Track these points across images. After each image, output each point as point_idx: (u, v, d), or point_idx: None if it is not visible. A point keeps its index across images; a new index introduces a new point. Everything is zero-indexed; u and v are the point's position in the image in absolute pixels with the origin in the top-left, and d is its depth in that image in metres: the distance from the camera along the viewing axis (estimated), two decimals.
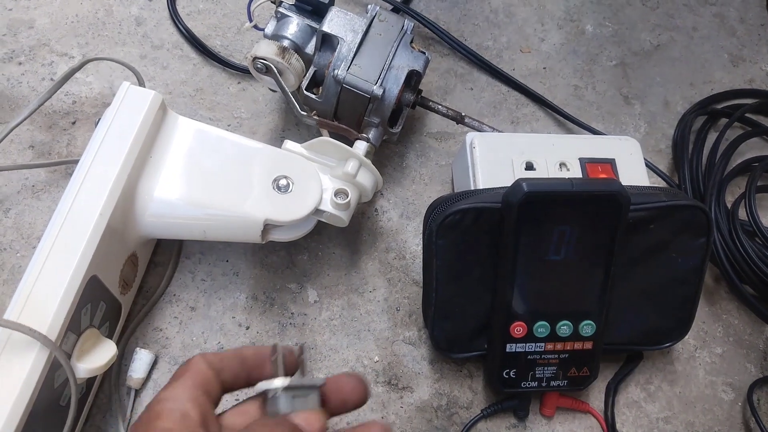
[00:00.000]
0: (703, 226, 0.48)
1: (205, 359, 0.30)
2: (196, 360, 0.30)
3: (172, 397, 0.29)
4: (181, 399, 0.28)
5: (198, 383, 0.29)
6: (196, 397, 0.29)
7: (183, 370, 0.30)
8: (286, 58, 0.51)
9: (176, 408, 0.28)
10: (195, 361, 0.30)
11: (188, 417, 0.28)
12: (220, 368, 0.31)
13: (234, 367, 0.31)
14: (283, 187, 0.48)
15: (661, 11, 0.75)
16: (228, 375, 0.31)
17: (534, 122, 0.66)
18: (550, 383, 0.49)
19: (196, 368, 0.30)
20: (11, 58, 0.62)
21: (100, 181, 0.44)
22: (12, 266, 0.53)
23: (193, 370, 0.30)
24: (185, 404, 0.28)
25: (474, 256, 0.47)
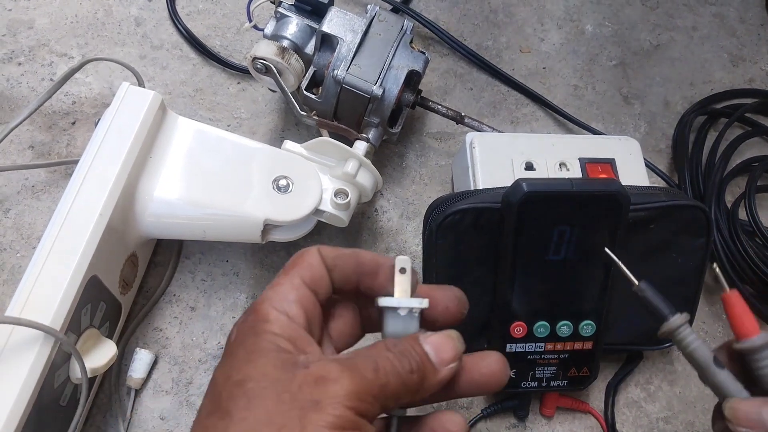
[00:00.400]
0: (703, 226, 0.48)
1: (320, 252, 0.28)
2: (311, 253, 0.28)
3: (277, 296, 0.27)
4: (289, 299, 0.27)
5: (308, 280, 0.28)
6: (303, 296, 0.27)
7: (294, 262, 0.28)
8: (285, 59, 0.51)
9: (282, 308, 0.26)
10: (309, 254, 0.28)
11: (294, 320, 0.26)
12: (334, 266, 0.28)
13: (348, 268, 0.29)
14: (283, 187, 0.48)
15: (661, 11, 0.75)
16: (339, 275, 0.29)
17: (534, 122, 0.66)
18: (550, 383, 0.49)
19: (308, 262, 0.28)
20: (11, 58, 0.62)
21: (100, 181, 0.44)
22: (12, 266, 0.53)
23: (305, 264, 0.28)
24: (292, 306, 0.27)
25: (474, 256, 0.47)
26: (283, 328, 0.26)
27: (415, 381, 0.26)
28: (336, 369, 0.24)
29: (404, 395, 0.26)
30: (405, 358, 0.26)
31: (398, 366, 0.25)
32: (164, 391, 0.51)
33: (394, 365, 0.25)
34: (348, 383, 0.24)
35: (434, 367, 0.27)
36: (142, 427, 0.49)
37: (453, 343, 0.27)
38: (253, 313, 0.27)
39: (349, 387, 0.24)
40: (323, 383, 0.24)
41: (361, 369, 0.25)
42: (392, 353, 0.26)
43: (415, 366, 0.26)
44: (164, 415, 0.50)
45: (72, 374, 0.42)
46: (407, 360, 0.26)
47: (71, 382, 0.43)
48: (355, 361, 0.25)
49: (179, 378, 0.51)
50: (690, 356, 0.32)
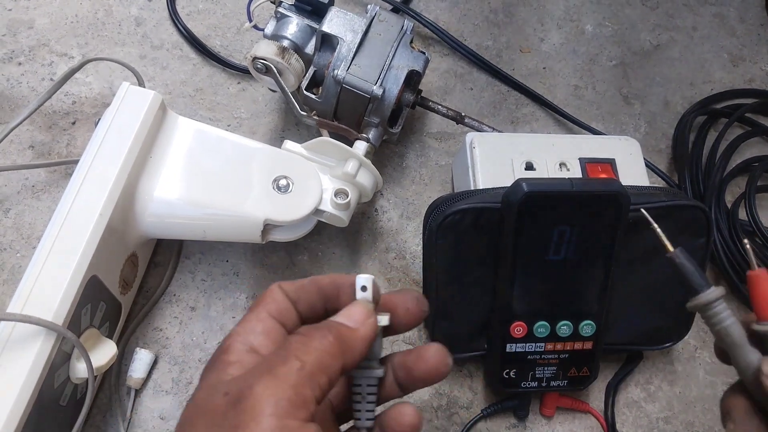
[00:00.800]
0: (703, 226, 0.48)
1: (281, 289, 0.29)
2: (273, 289, 0.29)
3: (244, 330, 0.27)
4: (254, 332, 0.27)
5: (273, 313, 0.28)
6: (269, 328, 0.28)
7: (258, 300, 0.29)
8: (285, 58, 0.51)
9: (246, 341, 0.27)
10: (271, 291, 0.29)
11: (257, 351, 0.27)
12: (297, 298, 0.29)
13: (310, 296, 0.30)
14: (283, 187, 0.48)
15: (661, 11, 0.75)
16: (304, 306, 0.29)
17: (534, 122, 0.66)
18: (550, 383, 0.49)
19: (271, 298, 0.29)
20: (11, 58, 0.62)
21: (100, 181, 0.44)
22: (12, 266, 0.53)
23: (268, 300, 0.29)
24: (257, 337, 0.27)
25: (474, 256, 0.47)
26: (240, 356, 0.26)
27: (334, 344, 0.26)
28: (248, 382, 0.24)
29: (330, 364, 0.25)
30: (315, 330, 0.26)
31: (310, 341, 0.26)
32: (164, 391, 0.51)
33: (306, 344, 0.25)
34: (262, 390, 0.23)
35: (349, 327, 0.27)
36: (142, 427, 0.49)
37: (360, 306, 0.28)
38: (218, 348, 0.27)
39: (264, 393, 0.23)
40: (240, 402, 0.23)
41: (272, 368, 0.24)
42: (300, 335, 0.26)
43: (327, 332, 0.26)
44: (164, 415, 0.50)
45: (72, 374, 0.42)
46: (318, 332, 0.26)
47: (71, 382, 0.43)
48: (266, 363, 0.25)
49: (179, 378, 0.51)
50: (722, 333, 0.30)
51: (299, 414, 0.23)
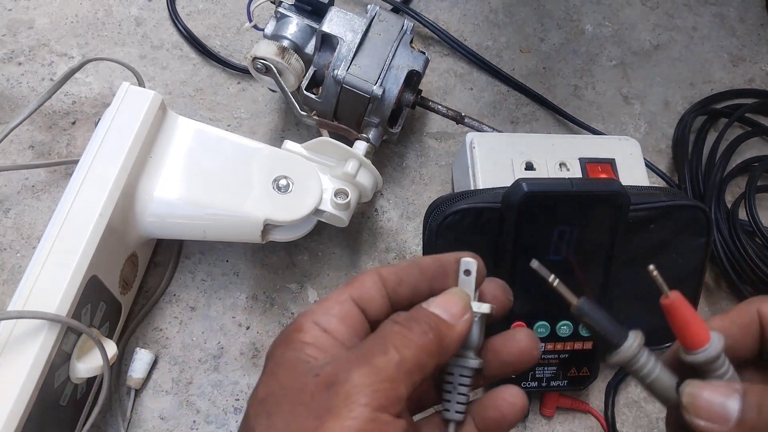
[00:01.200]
0: (703, 226, 0.48)
1: (378, 273, 0.28)
2: (368, 273, 0.28)
3: (319, 310, 0.26)
4: (329, 313, 0.26)
5: (356, 297, 0.27)
6: (347, 312, 0.26)
7: (347, 283, 0.27)
8: (285, 58, 0.51)
9: (319, 321, 0.26)
10: (365, 274, 0.28)
11: (331, 334, 0.26)
12: (398, 281, 0.27)
13: (412, 278, 0.28)
14: (283, 187, 0.48)
15: (661, 11, 0.75)
16: (406, 289, 0.28)
17: (534, 122, 0.66)
18: (550, 383, 0.49)
19: (360, 281, 0.27)
20: (11, 58, 0.62)
21: (100, 181, 0.44)
22: (12, 266, 0.53)
23: (356, 283, 0.27)
24: (331, 320, 0.26)
25: None
26: (315, 338, 0.25)
27: (433, 341, 0.25)
28: (344, 368, 0.23)
29: (427, 362, 0.25)
30: (414, 323, 0.25)
31: (410, 335, 0.24)
32: (164, 391, 0.51)
33: (405, 336, 0.24)
34: (358, 379, 0.23)
35: (448, 323, 0.26)
36: (142, 427, 0.49)
37: (457, 298, 0.27)
38: (291, 325, 0.26)
39: (360, 382, 0.22)
40: (334, 386, 0.23)
41: (370, 357, 0.23)
42: (399, 325, 0.25)
43: (427, 326, 0.25)
44: (164, 415, 0.50)
45: (72, 374, 0.42)
46: (417, 325, 0.25)
47: (71, 382, 0.43)
48: (363, 350, 0.24)
49: (179, 378, 0.51)
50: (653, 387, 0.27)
51: (392, 409, 0.23)
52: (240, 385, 0.51)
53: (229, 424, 0.50)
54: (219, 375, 0.52)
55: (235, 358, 0.52)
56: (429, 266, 0.28)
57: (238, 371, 0.52)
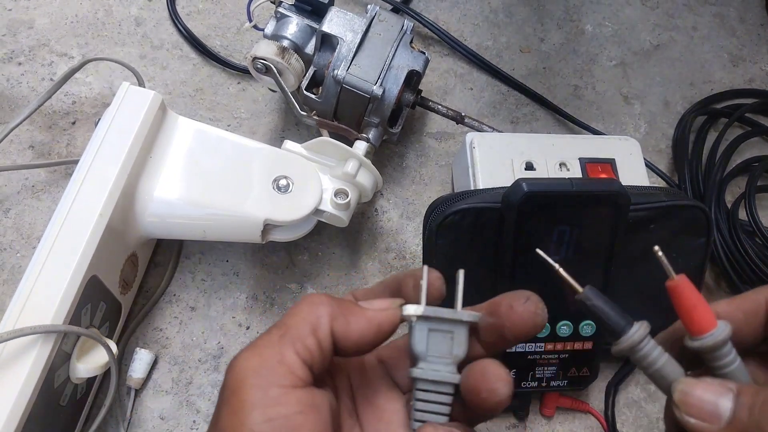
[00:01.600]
0: (703, 226, 0.48)
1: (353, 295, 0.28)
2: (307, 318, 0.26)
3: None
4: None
5: None
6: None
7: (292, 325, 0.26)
8: (285, 58, 0.51)
9: None
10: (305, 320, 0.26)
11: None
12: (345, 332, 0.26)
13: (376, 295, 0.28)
14: (283, 187, 0.48)
15: (661, 11, 0.75)
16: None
17: (534, 122, 0.66)
18: (550, 383, 0.49)
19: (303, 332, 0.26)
20: (11, 58, 0.62)
21: (100, 181, 0.44)
22: (12, 266, 0.53)
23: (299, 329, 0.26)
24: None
25: (474, 256, 0.47)
26: None
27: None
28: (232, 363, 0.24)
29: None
30: None
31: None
32: (164, 390, 0.51)
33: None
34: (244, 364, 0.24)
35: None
36: (142, 427, 0.49)
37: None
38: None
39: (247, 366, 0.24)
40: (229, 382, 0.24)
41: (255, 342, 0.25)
42: None
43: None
44: (164, 415, 0.50)
45: (72, 374, 0.42)
46: None
47: (71, 382, 0.43)
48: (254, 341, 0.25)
49: (179, 378, 0.51)
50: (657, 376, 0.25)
51: (284, 380, 0.23)
52: None
53: None
54: (219, 375, 0.52)
55: None
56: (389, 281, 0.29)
57: None
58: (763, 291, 0.26)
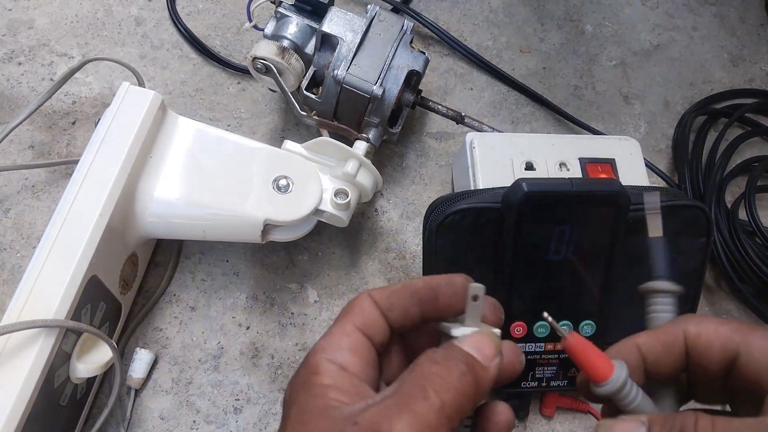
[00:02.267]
0: (703, 226, 0.48)
1: (371, 297, 0.27)
2: (362, 298, 0.27)
3: (330, 346, 0.26)
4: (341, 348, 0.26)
5: (360, 326, 0.26)
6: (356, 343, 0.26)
7: (345, 311, 0.27)
8: (285, 58, 0.51)
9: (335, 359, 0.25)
10: (360, 299, 0.27)
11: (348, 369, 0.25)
12: (389, 306, 0.27)
13: (404, 301, 0.27)
14: (283, 187, 0.48)
15: (661, 11, 0.75)
16: (398, 314, 0.27)
17: (534, 122, 0.66)
18: (550, 383, 0.49)
19: (359, 308, 0.27)
20: (11, 58, 0.62)
21: (100, 181, 0.44)
22: (12, 266, 0.53)
23: (356, 310, 0.27)
24: (345, 354, 0.25)
25: (474, 256, 0.47)
26: (335, 378, 0.25)
27: (471, 384, 0.24)
28: (385, 415, 0.22)
29: (465, 406, 0.24)
30: (452, 363, 0.24)
31: (449, 377, 0.24)
32: (164, 390, 0.51)
33: (444, 379, 0.24)
34: (402, 428, 0.22)
35: (482, 365, 0.25)
36: (142, 427, 0.49)
37: (489, 339, 0.26)
38: (304, 366, 0.26)
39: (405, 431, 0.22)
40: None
41: (411, 403, 0.23)
42: (438, 366, 0.24)
43: (465, 368, 0.24)
44: (164, 415, 0.50)
45: (72, 374, 0.42)
46: (455, 365, 0.24)
47: (71, 382, 0.43)
48: (402, 395, 0.23)
49: (179, 378, 0.51)
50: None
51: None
52: (240, 385, 0.51)
53: (229, 424, 0.50)
54: (219, 375, 0.52)
55: (235, 358, 0.52)
56: (420, 289, 0.27)
57: (238, 371, 0.52)
58: (681, 323, 0.28)
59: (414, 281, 0.28)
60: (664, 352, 0.28)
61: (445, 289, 0.27)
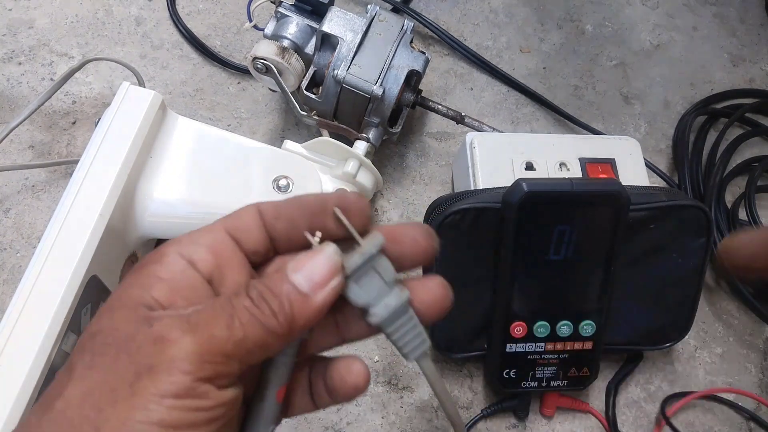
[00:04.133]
0: (703, 226, 0.48)
1: (256, 206, 0.25)
2: (246, 206, 0.25)
3: (187, 239, 0.24)
4: (197, 243, 0.24)
5: (229, 227, 0.25)
6: (217, 241, 0.24)
7: (224, 216, 0.25)
8: (285, 58, 0.51)
9: (185, 252, 0.23)
10: (243, 208, 0.25)
11: (193, 268, 0.23)
12: (276, 215, 0.25)
13: (292, 212, 0.25)
14: (283, 187, 0.48)
15: (661, 11, 0.75)
16: (284, 224, 0.25)
17: (534, 122, 0.66)
18: (550, 383, 0.49)
19: (236, 214, 0.25)
20: (11, 58, 0.62)
21: (100, 181, 0.44)
22: (12, 266, 0.53)
23: (232, 216, 0.25)
24: (199, 249, 0.24)
25: (474, 256, 0.47)
26: (174, 274, 0.23)
27: (283, 325, 0.22)
28: (178, 328, 0.21)
29: (273, 343, 0.23)
30: (266, 302, 0.22)
31: (259, 314, 0.22)
32: None
33: (254, 315, 0.22)
34: (189, 345, 0.21)
35: (305, 298, 0.23)
36: None
37: (325, 259, 0.23)
38: (151, 253, 0.24)
39: (190, 349, 0.21)
40: (161, 344, 0.21)
41: (210, 326, 0.21)
42: (250, 301, 0.22)
43: (278, 307, 0.22)
44: None
45: None
46: (268, 304, 0.22)
47: None
48: (205, 316, 0.22)
49: None
50: None
51: (218, 381, 0.22)
52: None
53: None
54: None
55: None
56: (310, 202, 0.25)
57: None
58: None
59: (305, 195, 0.26)
60: None
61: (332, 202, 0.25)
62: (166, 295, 0.23)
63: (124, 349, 0.21)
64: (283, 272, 0.23)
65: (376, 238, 0.25)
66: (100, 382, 0.21)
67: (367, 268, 0.24)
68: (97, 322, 0.23)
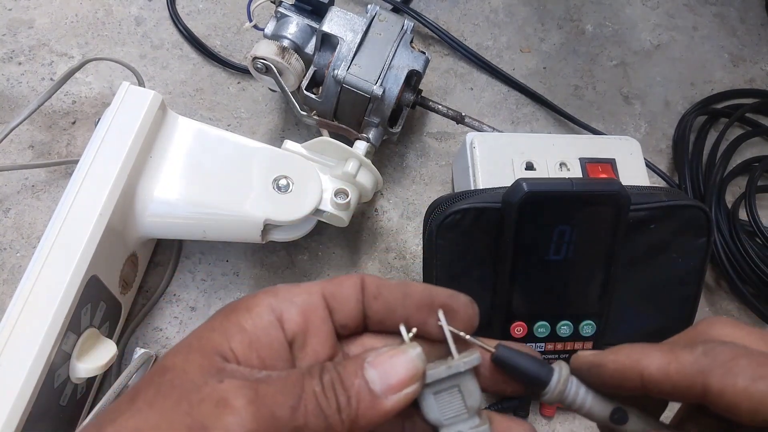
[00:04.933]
0: (704, 226, 0.48)
1: (360, 278, 0.24)
2: (350, 275, 0.24)
3: (283, 294, 0.23)
4: (291, 302, 0.23)
5: (327, 294, 0.24)
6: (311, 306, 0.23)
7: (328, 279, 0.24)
8: (285, 58, 0.51)
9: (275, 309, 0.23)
10: (347, 276, 0.24)
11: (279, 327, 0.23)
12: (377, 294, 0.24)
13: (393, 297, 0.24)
14: (283, 187, 0.48)
15: (661, 11, 0.75)
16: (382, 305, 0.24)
17: (534, 122, 0.66)
18: None
19: (338, 280, 0.24)
20: (11, 58, 0.62)
21: (100, 181, 0.44)
22: (12, 266, 0.53)
23: (335, 281, 0.24)
24: (290, 309, 0.23)
25: (474, 256, 0.47)
26: (258, 329, 0.23)
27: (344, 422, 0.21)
28: (244, 396, 0.21)
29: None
30: (333, 393, 0.21)
31: (325, 406, 0.21)
32: None
33: (320, 404, 0.21)
34: (248, 419, 0.20)
35: (374, 399, 0.22)
36: None
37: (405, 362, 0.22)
38: (247, 297, 0.24)
39: (248, 425, 0.20)
40: (222, 408, 0.20)
41: (275, 403, 0.21)
42: (320, 387, 0.21)
43: (344, 403, 0.21)
44: None
45: (72, 374, 0.42)
46: (335, 396, 0.21)
47: (71, 382, 0.43)
48: (273, 390, 0.21)
49: None
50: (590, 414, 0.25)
51: None
52: None
53: None
54: None
55: None
56: (416, 293, 0.24)
57: None
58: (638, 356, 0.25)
59: (413, 284, 0.25)
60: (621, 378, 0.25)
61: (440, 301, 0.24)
62: (244, 350, 0.22)
63: (186, 397, 0.21)
64: (361, 362, 0.22)
65: (471, 356, 0.23)
66: (153, 425, 0.20)
67: (450, 384, 0.23)
68: (173, 357, 0.22)
